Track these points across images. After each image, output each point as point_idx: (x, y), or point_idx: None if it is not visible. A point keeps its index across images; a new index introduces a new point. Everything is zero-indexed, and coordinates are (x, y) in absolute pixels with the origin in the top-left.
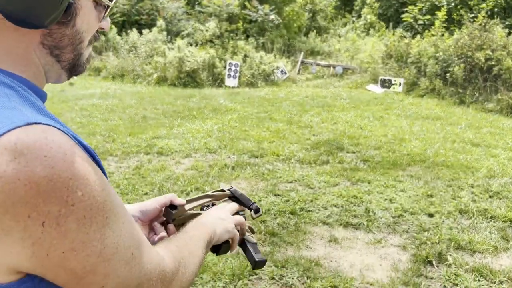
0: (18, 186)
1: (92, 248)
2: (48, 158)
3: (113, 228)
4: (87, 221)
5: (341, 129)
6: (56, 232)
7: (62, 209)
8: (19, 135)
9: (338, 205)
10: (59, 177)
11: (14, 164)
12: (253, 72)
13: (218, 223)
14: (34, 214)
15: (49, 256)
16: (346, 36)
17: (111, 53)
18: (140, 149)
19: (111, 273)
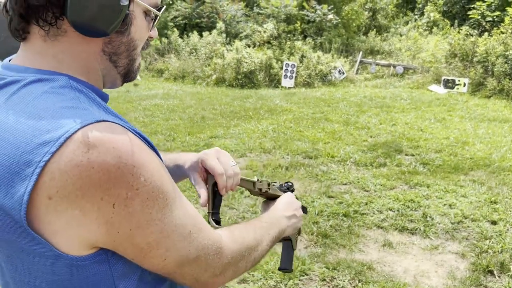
0: (93, 173)
1: (155, 226)
2: (116, 149)
3: (172, 208)
4: (149, 203)
5: (400, 130)
6: (124, 213)
7: (129, 192)
8: (91, 130)
9: (394, 209)
10: (125, 165)
11: (88, 154)
12: (310, 73)
13: (291, 223)
14: (106, 197)
15: (119, 233)
16: (407, 34)
17: (173, 55)
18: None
19: (171, 247)
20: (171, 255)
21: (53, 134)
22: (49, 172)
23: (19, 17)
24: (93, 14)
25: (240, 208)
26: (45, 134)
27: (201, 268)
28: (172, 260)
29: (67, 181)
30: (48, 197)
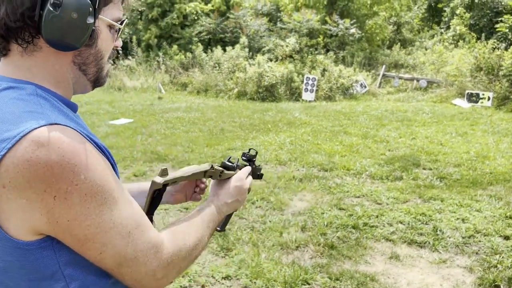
0: (39, 168)
1: (91, 220)
2: (60, 149)
3: (111, 207)
4: (87, 198)
5: (419, 144)
6: (63, 205)
7: (69, 187)
8: (42, 131)
9: (405, 222)
10: (67, 163)
11: (37, 152)
12: (331, 86)
13: (231, 207)
14: (49, 189)
15: (58, 223)
16: (433, 48)
17: (197, 69)
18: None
19: (108, 243)
20: (107, 251)
21: (11, 133)
22: (5, 165)
23: (0, 37)
24: (64, 32)
25: (250, 218)
26: (4, 133)
27: (140, 269)
28: (109, 255)
29: (18, 173)
30: (2, 186)
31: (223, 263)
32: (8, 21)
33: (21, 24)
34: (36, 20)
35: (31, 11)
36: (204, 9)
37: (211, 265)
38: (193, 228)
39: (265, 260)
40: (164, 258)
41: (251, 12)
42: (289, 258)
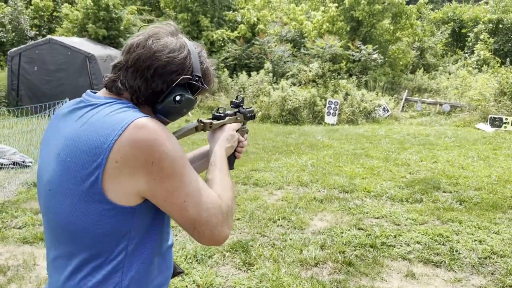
0: (141, 144)
1: (178, 176)
2: (153, 129)
3: (188, 170)
4: (174, 162)
5: (440, 168)
6: (159, 167)
7: (162, 155)
8: (140, 119)
9: (422, 242)
10: (158, 139)
11: (139, 133)
12: (354, 110)
13: (228, 151)
14: (149, 158)
15: (155, 180)
16: (456, 73)
17: (223, 93)
18: (239, 180)
19: (190, 194)
20: (189, 200)
21: (120, 125)
22: (117, 146)
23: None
24: (172, 116)
25: (271, 236)
26: (117, 125)
27: (212, 220)
28: (191, 204)
29: (127, 150)
30: (115, 161)
31: (245, 277)
32: (137, 91)
33: (144, 98)
34: (156, 102)
35: (157, 95)
36: (230, 36)
37: (234, 278)
38: (225, 180)
39: (285, 274)
40: (224, 210)
41: (276, 38)
42: (308, 274)
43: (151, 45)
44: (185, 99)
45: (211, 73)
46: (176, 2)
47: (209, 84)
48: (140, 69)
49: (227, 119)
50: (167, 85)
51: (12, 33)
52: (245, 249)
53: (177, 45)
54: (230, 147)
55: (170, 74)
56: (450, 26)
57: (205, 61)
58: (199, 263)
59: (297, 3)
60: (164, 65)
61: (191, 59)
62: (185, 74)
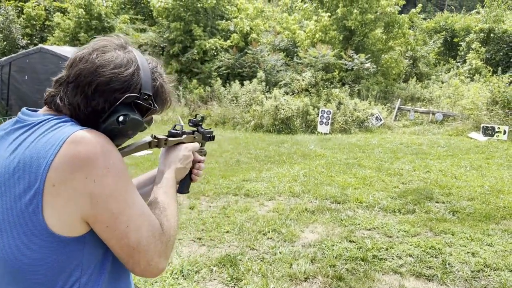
0: (79, 160)
1: (121, 196)
2: (92, 143)
3: (131, 187)
4: (118, 178)
5: (433, 177)
6: (102, 185)
7: (104, 170)
8: (77, 134)
9: (414, 255)
10: (99, 153)
11: (77, 148)
12: (347, 119)
13: (179, 173)
14: (89, 176)
15: (98, 202)
16: (449, 82)
17: (215, 102)
18: (230, 190)
19: (132, 218)
20: (131, 225)
21: (55, 144)
22: (54, 167)
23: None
24: (114, 137)
25: (261, 249)
26: (51, 144)
27: (150, 249)
28: (132, 230)
29: (64, 170)
30: (52, 185)
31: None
32: (77, 108)
33: (84, 116)
34: (98, 121)
35: (99, 114)
36: (223, 45)
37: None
38: (169, 205)
39: None
40: (164, 240)
41: (269, 47)
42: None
43: (95, 59)
44: (130, 120)
45: (166, 91)
46: (169, 11)
47: (164, 103)
48: (81, 85)
49: (184, 137)
50: (109, 103)
51: (4, 42)
52: (233, 263)
53: (124, 60)
54: (183, 169)
55: (113, 91)
56: (442, 35)
57: (160, 77)
58: (185, 278)
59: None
60: (107, 81)
61: (140, 75)
62: (132, 92)
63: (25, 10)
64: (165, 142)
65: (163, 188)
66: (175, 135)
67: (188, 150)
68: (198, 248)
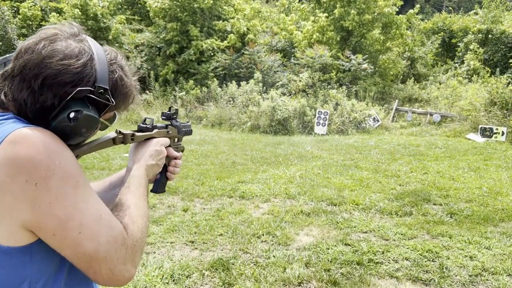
0: (18, 162)
1: (70, 200)
2: (35, 142)
3: (84, 191)
4: (64, 181)
5: (430, 179)
6: (44, 189)
7: (47, 172)
8: (17, 133)
9: (410, 258)
10: (42, 153)
11: (15, 149)
12: (344, 120)
13: (152, 172)
14: (30, 179)
15: (41, 207)
16: (447, 83)
17: (212, 103)
18: (225, 192)
19: (84, 224)
20: (85, 231)
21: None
22: None
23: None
24: (67, 137)
25: (254, 252)
26: None
27: (112, 256)
28: (86, 237)
29: (1, 173)
30: None
31: None
32: (23, 105)
33: (32, 114)
34: (48, 119)
35: (48, 111)
36: (220, 46)
37: None
38: (137, 205)
39: None
40: (129, 244)
41: (266, 48)
42: None
43: (42, 49)
44: (83, 116)
45: (126, 84)
46: (166, 11)
47: (125, 98)
48: (26, 79)
49: (155, 132)
50: (59, 99)
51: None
52: (226, 267)
53: (75, 49)
54: (155, 165)
55: (63, 85)
56: (440, 36)
57: (119, 69)
58: (176, 283)
59: (287, 13)
60: (55, 74)
61: (94, 66)
62: (84, 86)
63: (21, 10)
64: (131, 137)
65: (130, 187)
66: (144, 129)
67: (159, 145)
68: (190, 252)
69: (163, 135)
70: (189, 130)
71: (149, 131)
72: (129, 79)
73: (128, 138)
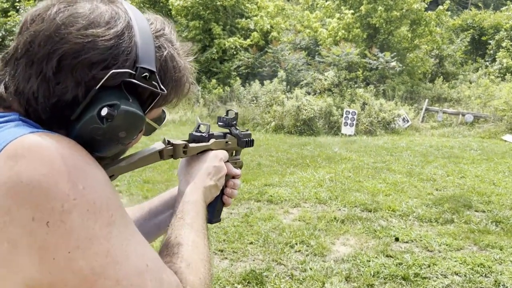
0: (21, 188)
1: (99, 246)
2: (47, 156)
3: (120, 229)
4: (91, 215)
5: (469, 184)
6: (60, 230)
7: (65, 204)
8: (20, 142)
9: (461, 273)
10: (58, 172)
11: (16, 168)
12: (372, 120)
13: (211, 195)
14: (38, 215)
15: (56, 260)
16: (478, 81)
17: (235, 102)
18: (252, 196)
19: (123, 281)
20: None
21: None
22: None
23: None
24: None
25: (289, 264)
26: None
27: None
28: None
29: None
30: None
31: None
32: (32, 99)
33: (46, 112)
34: (69, 119)
35: (69, 107)
36: (243, 44)
37: None
38: (197, 245)
39: None
40: None
41: (289, 46)
42: None
43: (55, 15)
44: (121, 112)
45: (180, 66)
46: (188, 9)
47: (178, 85)
48: (35, 61)
49: (212, 143)
50: (85, 88)
51: None
52: (259, 280)
53: (106, 14)
54: (214, 187)
55: (90, 67)
56: (469, 33)
57: (169, 45)
58: None
59: (311, 10)
60: (77, 50)
61: (133, 38)
62: (121, 67)
63: None
64: (184, 149)
65: (185, 219)
66: (199, 139)
67: (219, 160)
68: (220, 262)
69: (221, 147)
70: (250, 140)
71: (205, 142)
72: (182, 59)
73: (180, 150)
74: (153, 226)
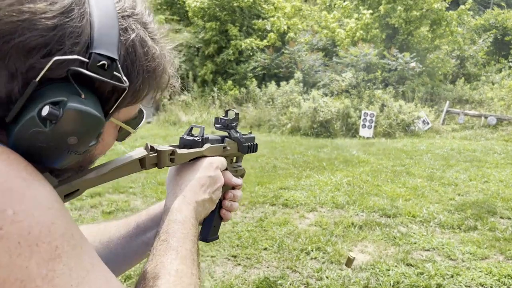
0: None
1: (49, 275)
2: None
3: (70, 264)
4: (23, 250)
5: (493, 189)
6: None
7: (9, 228)
8: None
9: (487, 285)
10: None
11: None
12: (391, 122)
13: (204, 211)
14: None
15: None
16: (501, 83)
17: (250, 104)
18: (266, 199)
19: None
20: None
21: None
22: None
23: None
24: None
25: (304, 272)
26: None
27: None
28: None
29: None
30: None
31: None
32: None
33: None
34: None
35: (2, 108)
36: (259, 45)
37: None
38: (182, 274)
39: None
40: None
41: (306, 47)
42: None
43: None
44: (69, 112)
45: (152, 53)
46: (205, 11)
47: (152, 77)
48: None
49: (206, 149)
50: (22, 81)
51: None
52: None
53: None
54: (209, 201)
55: (27, 53)
56: (492, 33)
57: (139, 27)
58: None
59: (329, 10)
60: (10, 32)
61: (86, 17)
62: (68, 53)
63: None
64: (171, 156)
65: (170, 241)
66: (191, 144)
67: (214, 168)
68: (233, 268)
69: (217, 153)
70: (253, 145)
71: (197, 147)
72: (158, 45)
73: (166, 158)
74: (141, 244)
